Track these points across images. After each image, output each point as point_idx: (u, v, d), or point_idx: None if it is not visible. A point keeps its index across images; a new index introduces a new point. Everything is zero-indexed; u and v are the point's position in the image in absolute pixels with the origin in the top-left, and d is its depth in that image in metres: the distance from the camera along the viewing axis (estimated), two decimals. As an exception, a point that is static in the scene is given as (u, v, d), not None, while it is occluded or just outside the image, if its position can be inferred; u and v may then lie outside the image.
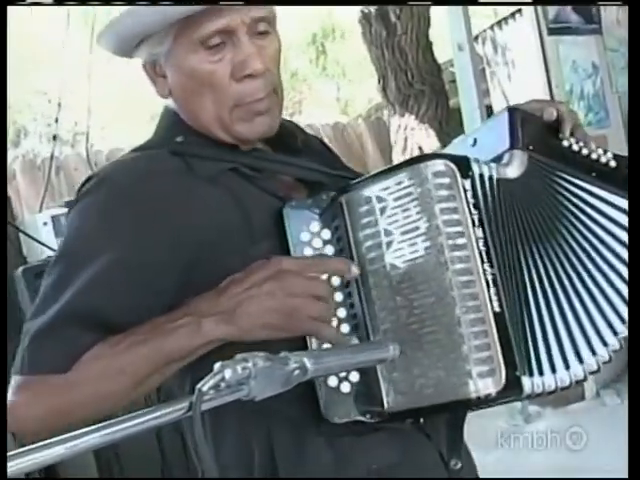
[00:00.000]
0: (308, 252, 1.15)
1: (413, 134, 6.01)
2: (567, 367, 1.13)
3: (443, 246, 1.07)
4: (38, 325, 1.09)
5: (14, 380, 1.08)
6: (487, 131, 1.28)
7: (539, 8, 4.61)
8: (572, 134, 1.28)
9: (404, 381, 1.08)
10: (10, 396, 1.07)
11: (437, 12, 5.78)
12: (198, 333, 1.04)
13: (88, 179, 1.20)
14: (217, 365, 0.80)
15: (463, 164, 1.10)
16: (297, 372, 0.83)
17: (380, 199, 1.11)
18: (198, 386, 0.79)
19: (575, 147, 1.27)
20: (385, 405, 1.09)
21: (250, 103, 1.19)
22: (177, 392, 1.22)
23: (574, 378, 1.13)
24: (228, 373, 0.78)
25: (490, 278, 1.07)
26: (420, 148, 6.04)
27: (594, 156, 1.27)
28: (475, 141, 1.26)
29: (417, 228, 1.08)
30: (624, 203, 1.25)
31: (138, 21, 1.16)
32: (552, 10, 4.69)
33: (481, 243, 1.08)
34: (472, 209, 1.09)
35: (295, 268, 1.06)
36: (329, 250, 1.15)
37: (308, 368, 0.85)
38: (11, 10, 1.68)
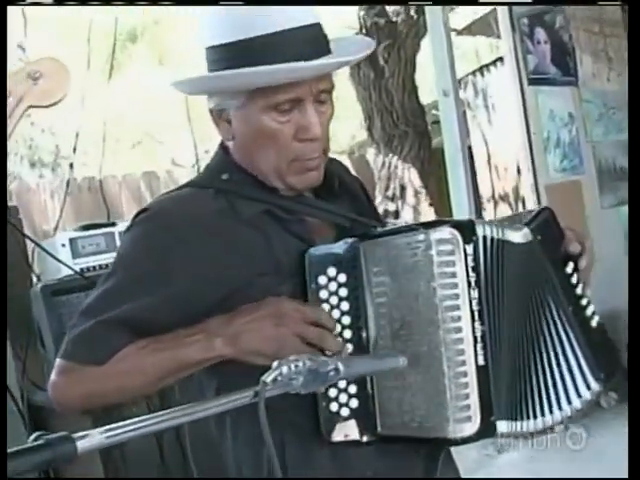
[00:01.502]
0: (324, 294, 1.30)
1: (396, 173, 6.24)
2: (541, 415, 1.28)
3: (437, 307, 1.21)
4: (88, 324, 1.30)
5: (59, 362, 1.32)
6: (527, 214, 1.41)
7: (520, 59, 4.84)
8: (578, 270, 1.37)
9: (394, 414, 1.25)
10: (54, 375, 1.31)
11: (423, 57, 6.04)
12: (209, 349, 1.26)
13: (144, 209, 1.38)
14: (275, 363, 1.00)
15: (468, 229, 1.23)
16: (332, 373, 1.01)
17: (391, 253, 1.26)
18: (262, 378, 0.98)
19: (573, 280, 1.37)
20: (378, 429, 1.27)
21: (306, 160, 1.36)
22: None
23: (543, 426, 1.28)
24: (285, 369, 0.97)
25: (479, 335, 1.21)
26: (402, 186, 6.27)
27: (583, 301, 1.37)
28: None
29: (418, 286, 1.23)
30: (577, 349, 1.33)
31: (226, 84, 1.34)
32: (532, 61, 4.93)
33: (475, 303, 1.21)
34: (470, 272, 1.21)
35: (293, 312, 1.26)
36: (343, 292, 1.30)
37: (341, 370, 1.03)
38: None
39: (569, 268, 1.37)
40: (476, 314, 1.21)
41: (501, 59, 6.74)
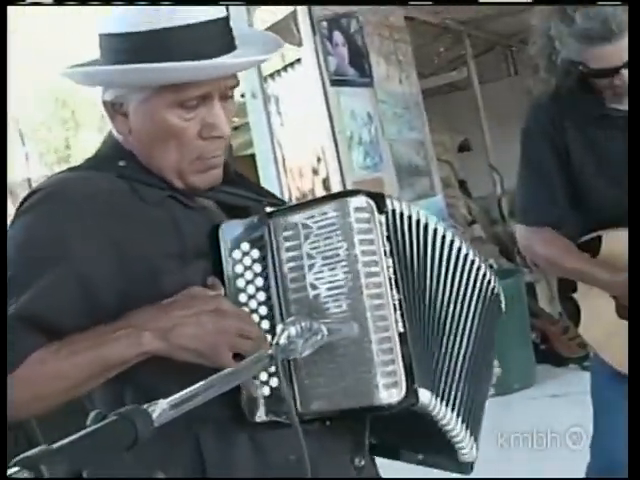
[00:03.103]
0: (239, 269, 1.28)
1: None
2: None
3: (360, 273, 1.22)
4: None
5: None
6: None
7: (322, 61, 4.98)
8: None
9: (316, 388, 1.23)
10: None
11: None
12: (138, 344, 1.16)
13: (33, 192, 1.26)
14: (280, 326, 0.98)
15: (380, 200, 1.26)
16: (319, 337, 1.01)
17: (305, 226, 1.25)
18: (275, 341, 0.96)
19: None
20: (298, 408, 1.24)
21: (209, 159, 1.31)
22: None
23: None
24: (292, 330, 0.97)
25: (397, 302, 1.23)
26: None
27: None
28: None
29: (338, 255, 1.23)
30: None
31: (136, 78, 1.25)
32: (332, 63, 5.10)
33: (390, 271, 1.24)
34: (384, 241, 1.25)
35: (231, 310, 1.21)
36: (257, 268, 1.28)
37: (324, 334, 1.04)
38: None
39: None
40: (392, 282, 1.23)
41: (292, 64, 6.91)
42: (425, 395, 1.24)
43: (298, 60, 6.15)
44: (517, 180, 2.27)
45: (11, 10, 1.32)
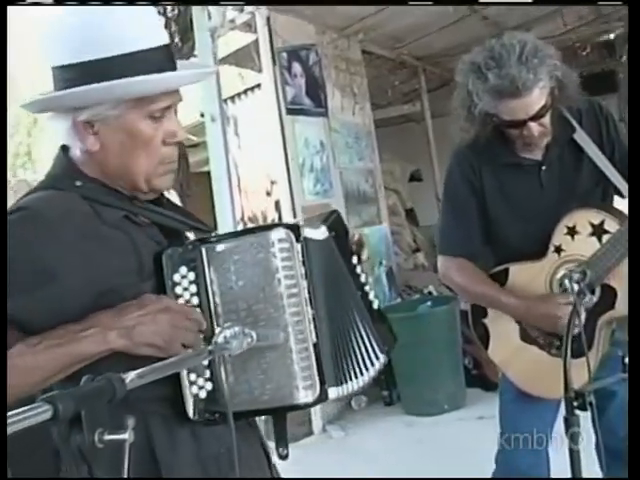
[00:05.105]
0: (179, 290, 1.49)
1: (156, 195, 6.36)
2: (356, 377, 1.56)
3: (282, 294, 1.45)
4: None
5: None
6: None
7: (280, 90, 5.23)
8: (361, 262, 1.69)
9: (244, 391, 1.47)
10: None
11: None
12: (103, 342, 1.37)
13: (18, 208, 1.45)
14: (218, 329, 1.22)
15: (297, 231, 1.49)
16: (249, 340, 1.24)
17: (235, 253, 1.48)
18: (214, 339, 1.19)
19: (358, 269, 1.67)
20: (229, 407, 1.43)
21: (169, 163, 1.54)
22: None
23: (362, 384, 1.57)
24: (228, 332, 1.21)
25: (311, 317, 1.47)
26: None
27: (367, 288, 1.68)
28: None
29: (263, 279, 1.46)
30: (367, 328, 1.63)
31: (106, 96, 1.45)
32: (290, 92, 5.36)
33: (306, 291, 1.48)
34: (301, 265, 1.48)
35: (178, 308, 1.44)
36: (193, 288, 1.49)
37: (254, 338, 1.27)
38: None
39: (354, 260, 1.68)
40: (308, 300, 1.47)
41: (252, 89, 7.15)
42: (333, 392, 1.50)
43: (258, 85, 6.40)
44: (439, 216, 2.54)
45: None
